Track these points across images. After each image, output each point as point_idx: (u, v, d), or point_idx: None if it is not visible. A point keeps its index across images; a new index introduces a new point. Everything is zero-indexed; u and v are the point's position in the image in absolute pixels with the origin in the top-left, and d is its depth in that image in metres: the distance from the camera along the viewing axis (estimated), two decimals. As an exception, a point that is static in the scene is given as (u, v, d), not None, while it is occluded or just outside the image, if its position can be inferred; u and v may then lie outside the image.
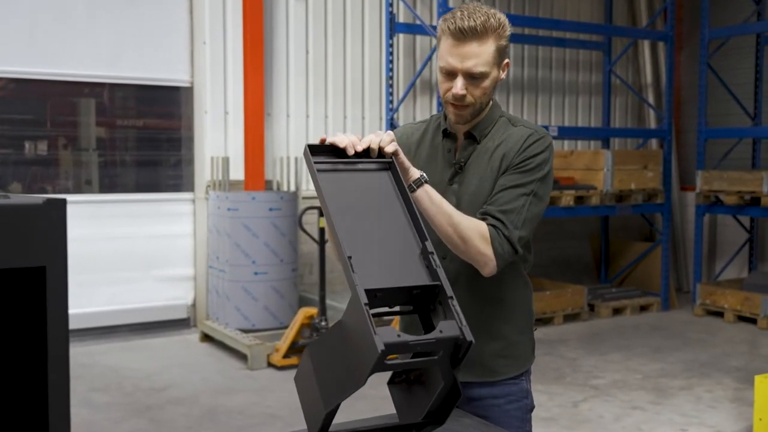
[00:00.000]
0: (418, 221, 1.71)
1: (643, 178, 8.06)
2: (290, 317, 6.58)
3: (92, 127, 7.17)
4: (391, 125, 7.75)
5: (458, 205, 2.00)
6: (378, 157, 1.81)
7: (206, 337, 6.79)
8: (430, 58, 7.57)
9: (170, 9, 7.10)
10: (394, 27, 7.70)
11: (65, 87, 6.90)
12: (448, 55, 1.97)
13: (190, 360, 6.26)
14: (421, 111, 8.28)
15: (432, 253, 1.66)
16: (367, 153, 1.77)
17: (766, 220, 8.73)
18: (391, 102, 7.75)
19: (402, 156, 1.84)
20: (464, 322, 1.56)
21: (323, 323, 5.90)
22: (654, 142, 9.28)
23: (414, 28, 7.91)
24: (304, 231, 6.03)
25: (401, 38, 8.03)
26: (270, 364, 5.99)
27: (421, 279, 1.64)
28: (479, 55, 1.94)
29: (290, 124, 7.52)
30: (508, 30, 1.98)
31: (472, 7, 1.97)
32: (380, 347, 1.42)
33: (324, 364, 1.65)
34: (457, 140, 2.12)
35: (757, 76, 8.74)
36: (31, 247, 1.15)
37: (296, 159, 7.01)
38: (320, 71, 7.64)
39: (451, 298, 1.59)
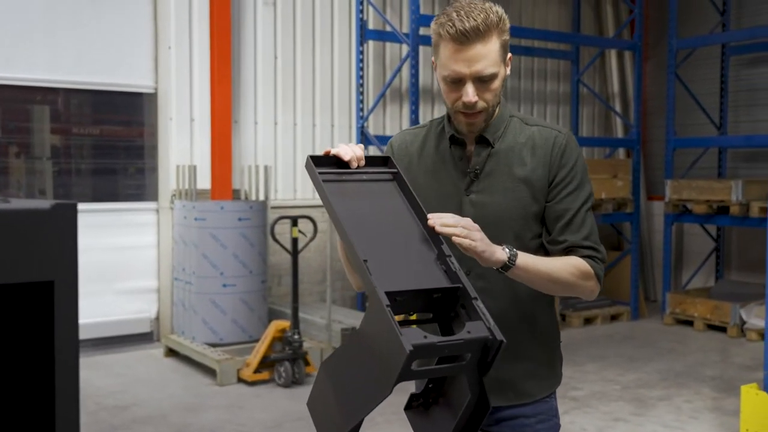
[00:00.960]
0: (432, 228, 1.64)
1: (613, 188, 8.05)
2: (260, 330, 6.38)
3: (47, 134, 6.89)
4: (362, 133, 7.61)
5: (481, 216, 1.86)
6: (378, 167, 1.77)
7: (171, 352, 6.54)
8: (400, 67, 7.46)
9: (133, 12, 6.87)
10: (364, 34, 7.58)
11: (20, 92, 6.62)
12: (451, 62, 1.80)
13: (155, 376, 6.01)
14: (391, 120, 8.16)
15: (450, 255, 1.59)
16: (367, 164, 1.77)
17: (733, 229, 8.79)
18: (362, 110, 7.62)
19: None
20: (492, 322, 1.47)
21: (296, 336, 5.71)
22: (621, 152, 9.30)
23: (385, 35, 7.80)
24: (277, 241, 5.84)
25: (371, 45, 7.91)
26: (240, 380, 5.78)
27: (441, 282, 1.56)
28: (486, 55, 1.79)
29: (258, 131, 7.34)
30: (508, 22, 1.84)
31: (467, 5, 1.80)
32: (408, 348, 1.34)
33: (343, 380, 1.55)
34: (466, 146, 1.95)
35: (723, 86, 8.82)
36: (36, 258, 0.98)
37: (265, 168, 6.82)
38: (289, 78, 7.47)
39: (476, 298, 1.51)
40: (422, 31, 7.03)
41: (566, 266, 1.82)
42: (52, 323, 1.00)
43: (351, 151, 1.73)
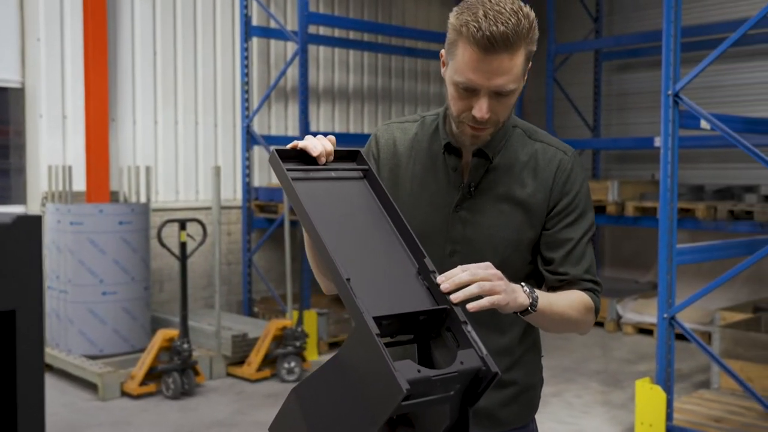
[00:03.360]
0: (411, 236, 1.52)
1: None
2: (143, 340, 6.05)
3: None
4: (247, 133, 7.38)
5: (469, 237, 1.73)
6: (347, 162, 1.60)
7: (45, 367, 6.07)
8: (288, 66, 7.28)
9: (-3, 0, 6.34)
10: (249, 30, 7.35)
11: None
12: (470, 70, 1.56)
13: (28, 393, 5.56)
14: (277, 119, 7.96)
15: (433, 271, 1.47)
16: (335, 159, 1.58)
17: (606, 227, 9.17)
18: (247, 109, 7.38)
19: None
20: (485, 351, 1.36)
21: (185, 345, 5.44)
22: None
23: (270, 32, 7.59)
24: (165, 246, 5.53)
25: (255, 42, 7.68)
26: (125, 393, 5.44)
27: (427, 303, 1.44)
28: (510, 69, 1.55)
29: (137, 130, 6.95)
30: (537, 31, 1.59)
31: (497, 6, 1.53)
32: (404, 386, 1.22)
33: (318, 409, 1.39)
34: (461, 156, 1.75)
35: (596, 90, 9.18)
36: (-4, 283, 0.80)
37: (146, 168, 6.47)
38: (169, 75, 7.13)
39: (465, 323, 1.39)
40: (311, 29, 6.89)
41: (574, 303, 1.69)
42: (14, 356, 0.83)
43: (320, 145, 1.53)
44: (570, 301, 1.69)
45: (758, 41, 7.70)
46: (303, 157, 1.55)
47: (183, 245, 5.57)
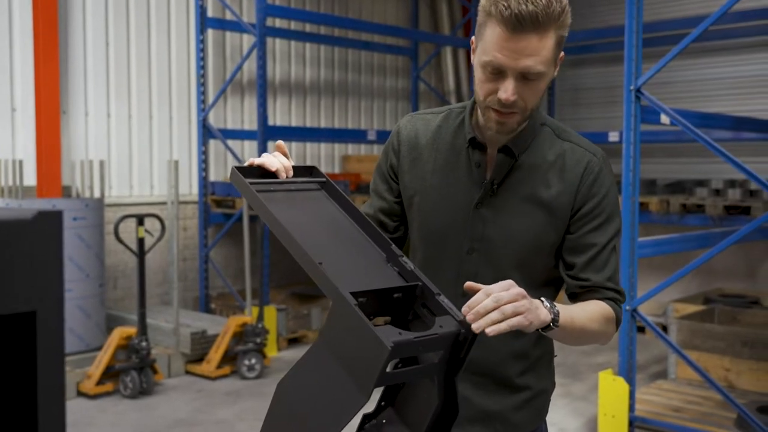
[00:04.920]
0: (374, 230, 1.57)
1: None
2: (98, 338, 5.90)
3: None
4: (204, 126, 7.25)
5: (488, 236, 1.68)
6: (306, 176, 1.67)
7: (-5, 367, 5.89)
8: (246, 58, 7.17)
9: (-58, -12, 6.10)
10: (204, 21, 7.22)
11: None
12: (497, 49, 1.52)
13: (-22, 395, 5.38)
14: (233, 113, 7.85)
15: (401, 255, 1.51)
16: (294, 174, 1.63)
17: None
18: (203, 102, 7.26)
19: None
20: (462, 316, 1.39)
21: (144, 344, 5.32)
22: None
23: (226, 24, 7.47)
24: (122, 242, 5.40)
25: (210, 34, 7.55)
26: (81, 393, 5.31)
27: (400, 281, 1.48)
28: (539, 51, 1.52)
29: (89, 123, 6.77)
30: (570, 16, 1.57)
31: None
32: (388, 344, 1.24)
33: (307, 396, 1.39)
34: (486, 151, 1.69)
35: (550, 85, 9.26)
36: (16, 284, 0.75)
37: (100, 163, 6.31)
38: (122, 67, 6.96)
39: (439, 294, 1.43)
40: (267, 21, 6.80)
41: (595, 315, 1.63)
42: (35, 360, 0.78)
43: (277, 161, 1.58)
44: (591, 312, 1.63)
45: (712, 38, 7.87)
46: (262, 173, 1.61)
47: (141, 241, 5.44)
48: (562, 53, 1.61)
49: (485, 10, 1.55)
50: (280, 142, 1.63)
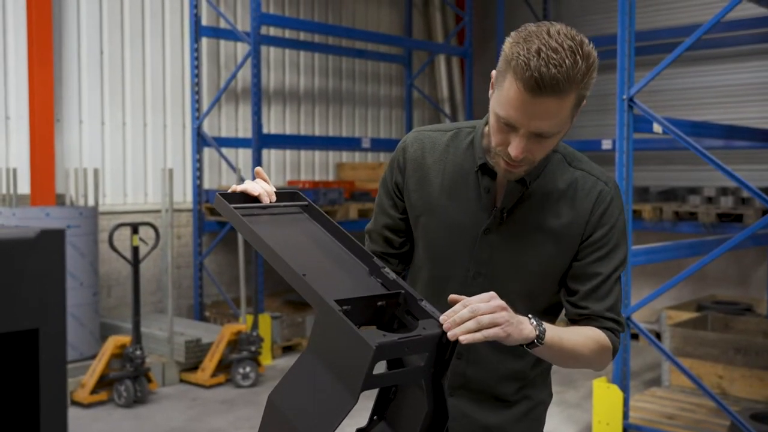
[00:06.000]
0: (356, 246, 1.62)
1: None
2: (92, 347, 5.90)
3: None
4: (198, 134, 7.26)
5: (495, 263, 1.67)
6: (289, 201, 1.72)
7: (-12, 376, 5.87)
8: (240, 67, 7.18)
9: (-64, -4, 6.10)
10: (199, 30, 7.24)
11: None
12: (512, 107, 1.46)
13: (-28, 404, 5.36)
14: (227, 121, 7.86)
15: (383, 267, 1.56)
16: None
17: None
18: (197, 110, 7.26)
19: None
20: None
21: (138, 352, 5.31)
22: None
23: (220, 33, 7.49)
24: (116, 251, 5.39)
25: (204, 42, 7.57)
26: (75, 403, 5.29)
27: (382, 290, 1.53)
28: (555, 114, 1.45)
29: (83, 131, 6.77)
30: (595, 74, 1.46)
31: (555, 37, 1.41)
32: (373, 344, 1.29)
33: (298, 406, 1.42)
34: (496, 177, 1.65)
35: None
36: (20, 302, 0.76)
37: (94, 171, 6.30)
38: (117, 75, 6.96)
39: (421, 300, 1.47)
40: (261, 30, 6.82)
41: (588, 341, 1.60)
42: (37, 377, 0.79)
43: (259, 186, 1.62)
44: (584, 338, 1.61)
45: (705, 47, 7.91)
46: (245, 199, 1.65)
47: (135, 249, 5.44)
48: (580, 107, 1.52)
49: (506, 59, 1.47)
50: (258, 168, 1.67)
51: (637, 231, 7.36)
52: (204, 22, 7.42)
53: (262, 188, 1.62)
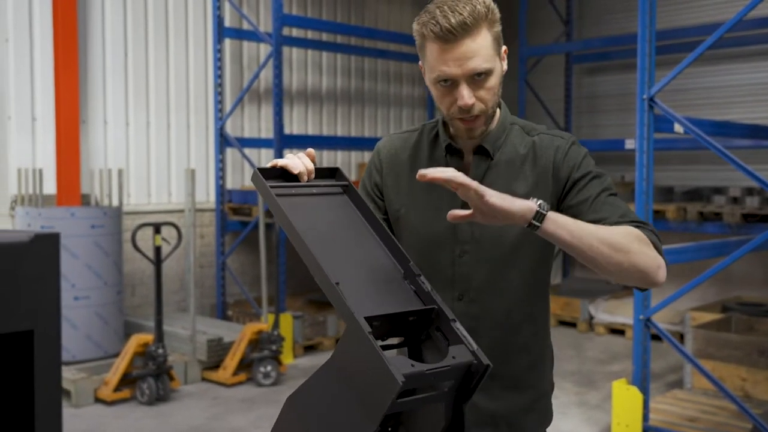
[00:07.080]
0: (394, 243, 1.55)
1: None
2: (116, 346, 5.97)
3: None
4: (221, 135, 7.32)
5: (479, 236, 1.72)
6: (327, 178, 1.64)
7: (15, 373, 5.97)
8: (263, 67, 7.23)
9: (-36, 0, 6.22)
10: (222, 31, 7.30)
11: None
12: (440, 63, 1.62)
13: (-2, 401, 5.46)
14: (250, 121, 7.91)
15: (419, 275, 1.50)
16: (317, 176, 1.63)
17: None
18: (220, 111, 7.32)
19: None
20: (476, 346, 1.39)
21: (160, 351, 5.37)
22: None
23: (243, 34, 7.54)
24: (139, 250, 5.46)
25: (227, 43, 7.63)
26: (98, 400, 5.37)
27: (415, 304, 1.47)
28: (477, 51, 1.60)
29: (108, 132, 6.86)
30: (498, 11, 1.65)
31: (450, 0, 1.62)
32: (400, 378, 1.24)
33: (315, 415, 1.41)
34: (464, 157, 1.77)
35: (567, 92, 9.26)
36: (14, 304, 0.78)
37: (119, 171, 6.38)
38: (141, 76, 7.05)
39: (454, 320, 1.42)
40: (284, 31, 6.86)
41: (616, 229, 1.54)
42: (32, 378, 0.81)
43: (300, 163, 1.57)
44: (610, 228, 1.55)
45: (727, 45, 7.82)
46: (284, 175, 1.58)
47: (158, 249, 5.50)
48: (505, 47, 1.70)
49: (419, 34, 1.66)
50: (311, 149, 1.63)
51: (661, 231, 7.28)
52: (227, 23, 7.48)
53: (304, 165, 1.58)
